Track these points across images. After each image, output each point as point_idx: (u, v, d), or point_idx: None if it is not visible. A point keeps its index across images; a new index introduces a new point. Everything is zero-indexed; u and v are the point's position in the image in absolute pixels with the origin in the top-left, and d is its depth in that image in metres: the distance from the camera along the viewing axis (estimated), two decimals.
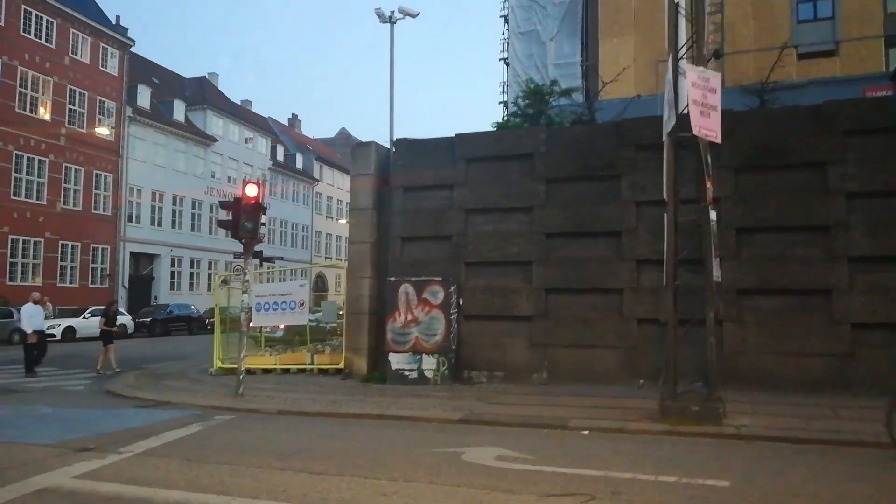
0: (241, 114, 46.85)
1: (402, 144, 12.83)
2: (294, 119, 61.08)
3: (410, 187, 12.40)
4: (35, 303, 14.31)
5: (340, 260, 54.47)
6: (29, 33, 29.88)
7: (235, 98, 50.36)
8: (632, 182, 10.80)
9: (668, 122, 8.17)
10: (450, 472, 5.71)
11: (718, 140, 7.91)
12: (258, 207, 10.16)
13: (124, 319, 28.81)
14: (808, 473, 5.89)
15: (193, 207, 40.18)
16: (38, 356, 14.24)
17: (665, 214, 8.37)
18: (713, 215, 8.10)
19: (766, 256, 10.07)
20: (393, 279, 11.76)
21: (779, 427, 7.54)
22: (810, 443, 7.04)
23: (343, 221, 57.27)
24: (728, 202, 9.96)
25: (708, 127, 7.77)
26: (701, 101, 7.74)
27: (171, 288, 37.95)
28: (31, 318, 14.06)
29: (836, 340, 9.66)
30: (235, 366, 12.95)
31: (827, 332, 9.70)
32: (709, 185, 8.02)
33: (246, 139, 45.46)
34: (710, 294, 8.08)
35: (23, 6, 29.51)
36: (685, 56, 8.58)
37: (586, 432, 7.68)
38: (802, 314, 9.84)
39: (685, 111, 7.86)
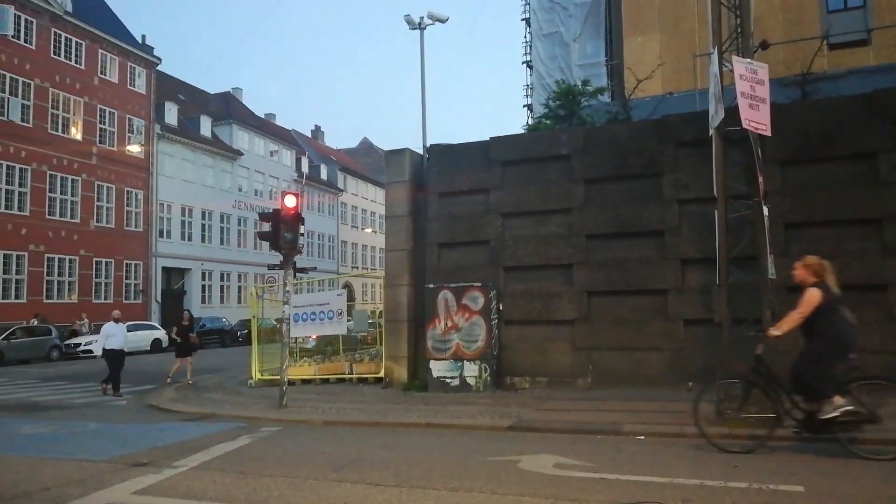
0: (265, 127, 47.34)
1: (436, 150, 12.75)
2: (317, 130, 61.55)
3: (446, 193, 12.31)
4: (116, 321, 13.93)
5: (367, 269, 54.67)
6: (59, 55, 30.53)
7: (259, 112, 50.92)
8: (674, 180, 10.59)
9: (716, 117, 7.98)
10: (509, 482, 5.57)
11: (769, 133, 7.70)
12: (297, 218, 10.15)
13: (158, 334, 29.22)
14: (881, 475, 5.64)
15: (222, 221, 40.63)
16: (110, 374, 13.45)
17: (715, 212, 8.15)
18: (766, 210, 7.87)
19: (817, 252, 9.65)
20: (431, 286, 11.67)
21: None
22: (876, 443, 6.76)
23: (369, 231, 57.54)
24: (776, 197, 9.67)
25: (757, 120, 7.58)
26: (749, 93, 7.55)
27: (203, 301, 38.34)
28: (110, 337, 13.60)
29: (893, 336, 9.32)
30: (273, 377, 12.98)
31: (883, 328, 9.36)
32: (761, 179, 7.80)
33: (271, 152, 45.91)
34: (766, 292, 7.83)
35: (52, 29, 30.17)
36: (727, 49, 8.40)
37: (642, 438, 7.47)
38: (857, 311, 9.41)
39: (733, 104, 7.67)
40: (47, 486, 5.73)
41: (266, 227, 10.78)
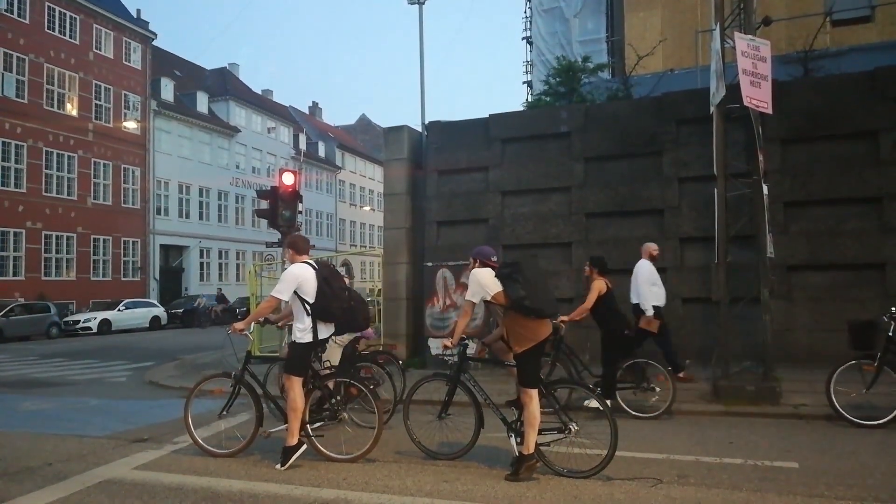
0: (262, 104, 46.97)
1: (435, 127, 12.65)
2: (315, 107, 61.07)
3: (445, 170, 12.25)
4: (653, 257, 8.52)
5: (365, 247, 54.67)
6: (53, 30, 30.18)
7: (256, 88, 50.50)
8: (674, 158, 10.54)
9: (717, 94, 7.91)
10: (508, 458, 5.61)
11: (770, 111, 7.63)
12: (295, 195, 10.12)
13: (157, 311, 29.30)
14: (877, 451, 5.70)
15: (219, 198, 40.52)
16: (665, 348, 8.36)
17: (715, 190, 8.12)
18: (766, 189, 7.84)
19: (816, 230, 9.77)
20: (430, 264, 11.67)
21: (838, 406, 7.31)
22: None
23: (367, 208, 57.41)
24: (776, 175, 9.65)
25: (759, 97, 7.51)
26: (751, 70, 7.48)
27: (201, 279, 38.39)
28: (653, 286, 8.25)
29: None
30: (271, 354, 12.98)
31: (882, 306, 9.34)
32: (761, 157, 7.76)
33: (269, 129, 45.63)
34: (764, 271, 7.84)
35: (46, 3, 29.76)
36: (729, 25, 8.31)
37: (644, 416, 7.52)
38: (855, 289, 9.54)
39: (734, 82, 7.60)
40: (49, 461, 5.78)
41: (264, 204, 10.76)
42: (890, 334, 6.61)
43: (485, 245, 6.06)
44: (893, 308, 6.76)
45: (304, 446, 5.52)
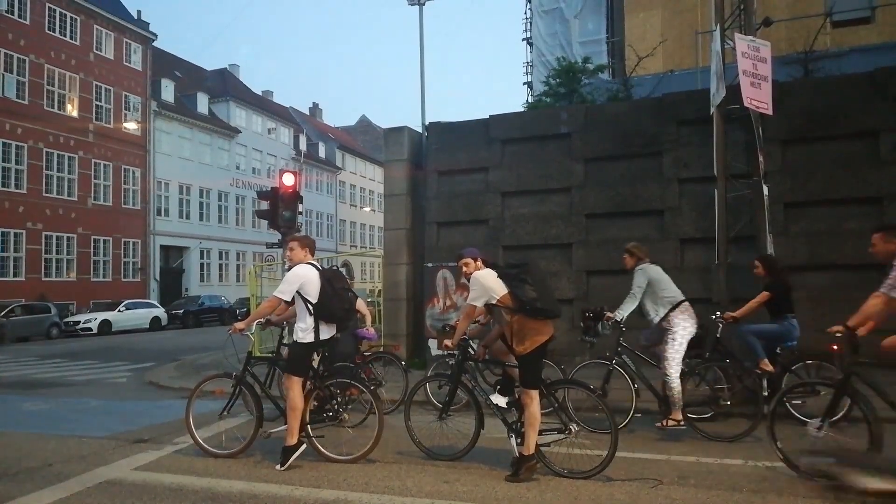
0: (263, 104, 46.99)
1: (435, 128, 12.65)
2: (315, 108, 61.11)
3: (445, 171, 12.25)
4: None
5: (365, 248, 54.70)
6: (53, 31, 30.21)
7: (256, 89, 50.51)
8: (674, 159, 10.53)
9: (717, 95, 7.92)
10: (507, 460, 5.60)
11: (770, 112, 7.64)
12: (295, 196, 10.13)
13: (157, 312, 29.29)
14: None
15: (220, 199, 40.53)
16: None
17: (715, 191, 8.12)
18: (766, 190, 7.84)
19: (816, 231, 9.76)
20: (430, 265, 11.68)
21: (840, 406, 7.29)
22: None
23: (367, 209, 57.41)
24: (776, 175, 9.63)
25: (759, 98, 7.52)
26: (751, 71, 7.49)
27: (201, 280, 38.40)
28: None
29: (894, 316, 9.34)
30: (271, 355, 12.99)
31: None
32: (761, 158, 7.77)
33: (269, 130, 45.65)
34: None
35: (47, 4, 29.79)
36: (730, 26, 8.32)
37: (639, 415, 7.52)
38: (857, 290, 9.44)
39: (734, 82, 7.61)
40: (49, 461, 5.78)
41: (264, 205, 10.77)
42: (717, 336, 6.91)
43: (473, 247, 6.04)
44: (718, 312, 6.98)
45: (304, 446, 5.52)
